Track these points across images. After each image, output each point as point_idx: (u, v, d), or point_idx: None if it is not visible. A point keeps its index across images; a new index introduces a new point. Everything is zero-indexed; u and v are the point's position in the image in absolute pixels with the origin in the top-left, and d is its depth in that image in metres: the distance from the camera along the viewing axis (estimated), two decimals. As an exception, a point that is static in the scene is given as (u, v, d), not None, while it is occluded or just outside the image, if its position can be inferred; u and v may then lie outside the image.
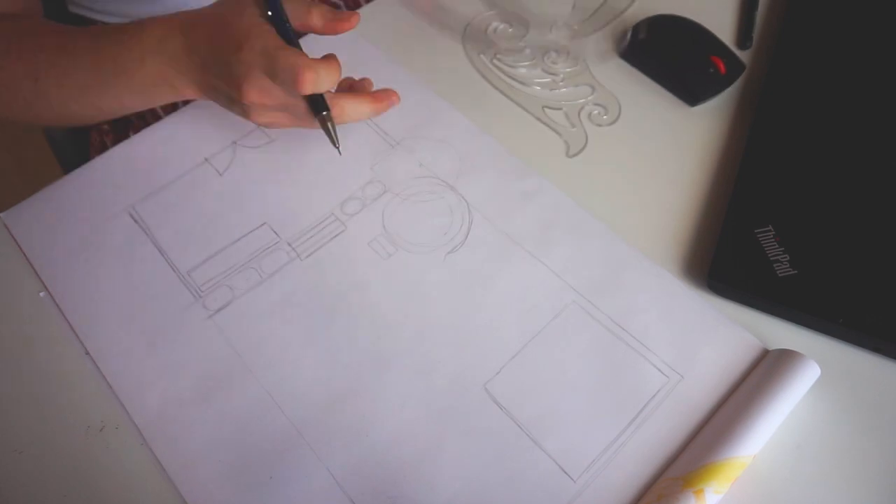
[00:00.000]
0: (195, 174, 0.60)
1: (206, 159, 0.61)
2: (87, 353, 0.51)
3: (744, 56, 0.68)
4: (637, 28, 0.69)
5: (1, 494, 0.46)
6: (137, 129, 0.76)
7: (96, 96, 0.58)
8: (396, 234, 0.57)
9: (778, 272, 0.52)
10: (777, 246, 0.54)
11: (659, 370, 0.50)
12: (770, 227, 0.55)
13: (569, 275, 0.54)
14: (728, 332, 0.51)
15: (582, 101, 0.65)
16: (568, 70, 0.68)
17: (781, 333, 0.51)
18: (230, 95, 0.52)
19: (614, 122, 0.64)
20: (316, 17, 0.54)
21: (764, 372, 0.48)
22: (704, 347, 0.50)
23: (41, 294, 0.54)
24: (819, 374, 0.47)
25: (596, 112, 0.65)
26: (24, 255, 0.56)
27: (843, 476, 0.46)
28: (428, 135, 0.63)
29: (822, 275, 0.52)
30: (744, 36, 0.69)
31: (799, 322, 0.52)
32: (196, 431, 0.48)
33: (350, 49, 0.68)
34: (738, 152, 0.61)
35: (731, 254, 0.54)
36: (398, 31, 0.71)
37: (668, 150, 0.62)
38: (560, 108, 0.65)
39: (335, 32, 0.55)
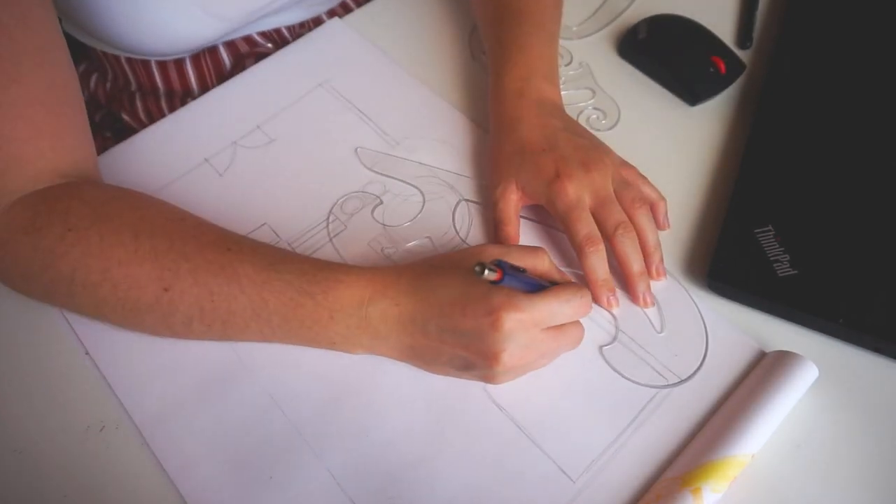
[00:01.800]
0: (195, 174, 0.60)
1: (205, 159, 0.61)
2: (87, 354, 0.51)
3: (744, 56, 0.67)
4: (637, 28, 0.69)
5: (1, 494, 0.46)
6: (137, 131, 0.76)
7: (242, 332, 0.49)
8: (396, 234, 0.57)
9: (778, 272, 0.52)
10: (777, 246, 0.54)
11: (657, 372, 0.50)
12: (770, 227, 0.55)
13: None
14: (726, 335, 0.51)
15: (582, 104, 0.65)
16: (571, 73, 0.68)
17: (781, 333, 0.51)
18: (468, 361, 0.46)
19: (613, 126, 0.64)
20: (547, 261, 0.48)
21: (762, 373, 0.48)
22: (702, 349, 0.51)
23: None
24: (817, 374, 0.47)
25: (595, 116, 0.65)
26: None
27: (842, 475, 0.46)
28: (428, 135, 0.63)
29: (822, 275, 0.52)
30: (744, 36, 0.69)
31: (799, 322, 0.52)
32: (196, 431, 0.48)
33: (350, 49, 0.68)
34: (738, 152, 0.61)
35: (731, 254, 0.53)
36: (398, 31, 0.71)
37: (668, 150, 0.62)
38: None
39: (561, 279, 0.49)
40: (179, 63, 0.71)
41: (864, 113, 0.62)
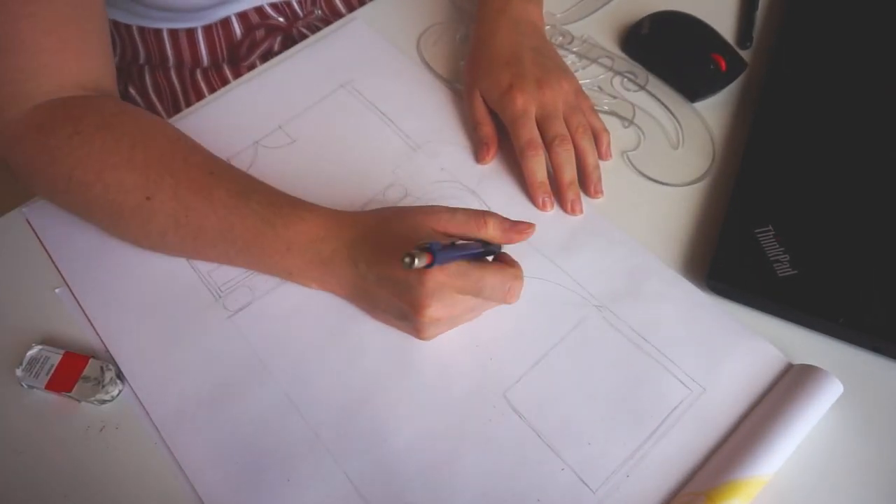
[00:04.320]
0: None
1: (227, 159, 0.53)
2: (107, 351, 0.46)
3: (746, 55, 0.62)
4: (641, 23, 0.64)
5: (1, 494, 0.43)
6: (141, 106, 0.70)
7: (210, 249, 0.47)
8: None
9: (778, 272, 0.48)
10: (777, 246, 0.49)
11: (681, 382, 0.45)
12: (770, 227, 0.50)
13: (590, 283, 0.49)
14: (752, 345, 0.47)
15: (603, 76, 0.60)
16: (575, 49, 0.62)
17: (781, 333, 0.47)
18: (402, 310, 0.43)
19: (645, 85, 0.58)
20: (492, 228, 0.44)
21: (787, 388, 0.44)
22: (727, 360, 0.46)
23: (58, 290, 0.49)
24: (841, 390, 0.43)
25: (627, 79, 0.59)
26: (45, 249, 0.51)
27: (841, 473, 0.41)
28: (450, 139, 0.57)
29: (822, 275, 0.48)
30: (744, 35, 0.64)
31: (799, 322, 0.48)
32: (213, 432, 0.44)
33: (373, 50, 0.62)
34: (738, 151, 0.56)
35: (731, 254, 0.49)
36: (401, 30, 0.63)
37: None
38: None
39: (510, 242, 0.45)
40: (191, 33, 0.66)
41: (864, 113, 0.57)
